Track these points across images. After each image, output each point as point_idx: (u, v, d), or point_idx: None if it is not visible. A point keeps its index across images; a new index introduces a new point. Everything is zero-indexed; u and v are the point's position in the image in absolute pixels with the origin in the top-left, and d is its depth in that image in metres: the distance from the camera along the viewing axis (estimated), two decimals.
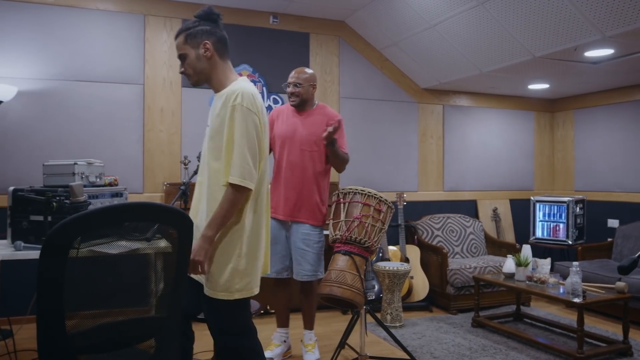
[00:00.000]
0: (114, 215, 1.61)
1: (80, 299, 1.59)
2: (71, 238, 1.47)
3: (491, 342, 3.99)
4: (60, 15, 4.43)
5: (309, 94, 3.51)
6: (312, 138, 3.44)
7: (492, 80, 5.33)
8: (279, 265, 3.50)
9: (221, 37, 2.27)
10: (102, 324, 1.67)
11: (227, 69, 2.29)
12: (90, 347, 1.63)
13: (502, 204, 6.20)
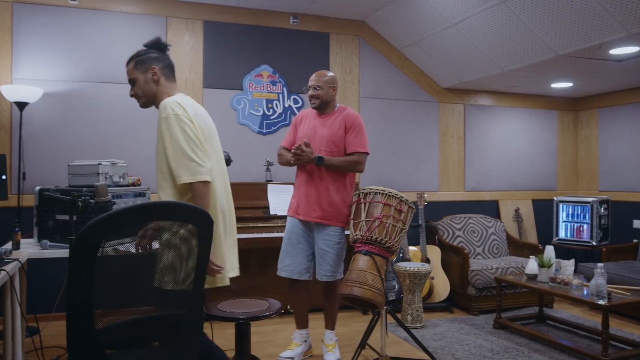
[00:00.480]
0: (142, 213, 1.64)
1: (108, 296, 1.62)
2: (101, 236, 1.50)
3: (513, 344, 3.95)
4: (84, 18, 4.51)
5: (329, 96, 3.52)
6: (332, 139, 3.45)
7: (514, 79, 5.27)
8: (301, 266, 3.50)
9: (168, 64, 2.51)
10: (127, 320, 1.70)
11: (171, 90, 2.49)
12: (117, 342, 1.66)
13: (525, 204, 6.13)
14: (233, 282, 2.77)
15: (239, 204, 4.51)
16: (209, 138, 2.47)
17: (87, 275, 1.51)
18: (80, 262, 1.50)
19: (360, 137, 3.45)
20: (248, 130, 5.01)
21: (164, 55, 2.52)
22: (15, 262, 2.45)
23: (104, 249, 1.54)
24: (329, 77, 3.54)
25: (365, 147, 3.45)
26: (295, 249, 3.50)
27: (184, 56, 4.82)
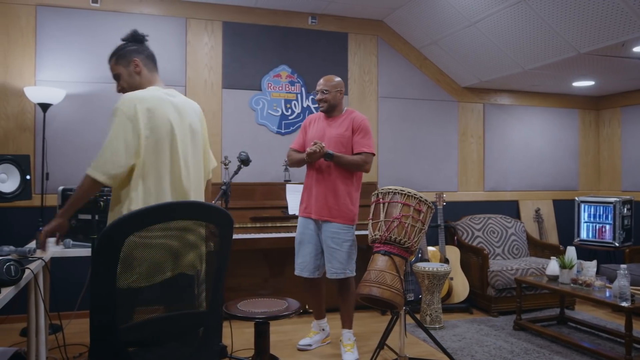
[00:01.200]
0: (166, 212, 1.66)
1: (131, 294, 1.64)
2: (126, 234, 1.52)
3: (534, 346, 3.91)
4: (105, 20, 4.57)
5: (336, 100, 3.66)
6: (340, 140, 3.59)
7: (535, 77, 5.21)
8: (311, 264, 3.66)
9: (148, 54, 2.49)
10: (149, 318, 1.73)
11: (153, 81, 2.46)
12: (139, 340, 1.68)
13: (545, 204, 6.06)
14: (250, 281, 2.78)
15: (257, 203, 4.56)
16: (164, 140, 2.26)
17: (110, 273, 1.53)
18: (104, 260, 1.52)
19: (367, 138, 3.58)
20: (267, 130, 5.03)
21: (143, 46, 2.50)
22: (39, 261, 2.49)
23: (127, 247, 1.57)
24: (337, 81, 3.69)
25: (371, 148, 3.58)
26: (305, 248, 3.67)
27: (203, 57, 4.86)
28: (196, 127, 2.45)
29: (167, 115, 2.29)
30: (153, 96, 2.30)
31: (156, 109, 2.26)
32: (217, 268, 1.83)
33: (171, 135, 2.29)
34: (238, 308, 2.93)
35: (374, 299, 3.08)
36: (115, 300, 1.56)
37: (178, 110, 2.36)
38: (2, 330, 4.03)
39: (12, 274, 1.96)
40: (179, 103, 2.39)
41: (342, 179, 3.56)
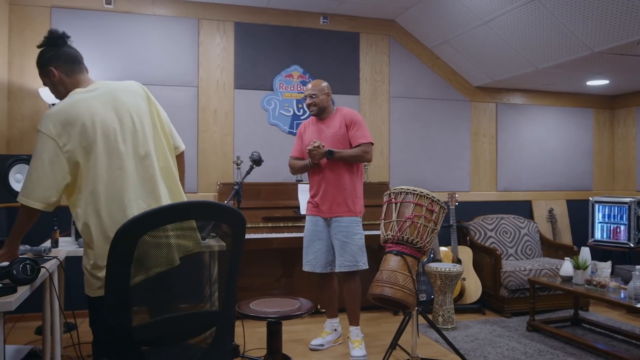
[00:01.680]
0: (179, 212, 1.67)
1: (145, 293, 1.65)
2: (139, 234, 1.53)
3: (548, 347, 3.87)
4: (119, 22, 4.60)
5: (324, 102, 3.79)
6: (336, 137, 3.70)
7: (548, 77, 5.17)
8: (323, 260, 3.76)
9: (67, 56, 2.20)
10: (162, 318, 1.74)
11: (76, 84, 2.20)
12: (152, 339, 1.69)
13: (559, 204, 6.01)
14: (262, 281, 2.78)
15: (269, 203, 4.57)
16: (97, 144, 2.02)
17: (124, 271, 1.54)
18: (118, 259, 1.54)
19: (362, 130, 3.70)
20: (278, 130, 5.04)
21: (62, 48, 2.21)
22: (54, 260, 2.52)
23: (141, 247, 1.58)
24: (323, 85, 3.82)
25: (368, 138, 3.69)
26: (315, 245, 3.76)
27: (215, 57, 4.88)
28: (139, 108, 2.18)
29: (92, 116, 2.02)
30: (70, 105, 2.05)
31: (76, 117, 2.01)
32: (230, 267, 1.83)
33: (105, 133, 2.03)
34: (250, 307, 2.94)
35: (386, 299, 3.07)
36: (128, 299, 1.57)
37: (106, 102, 2.09)
38: (18, 329, 4.08)
39: (28, 273, 1.99)
40: (103, 94, 2.11)
41: (346, 174, 3.68)
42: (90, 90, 2.12)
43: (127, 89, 2.20)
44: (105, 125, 2.04)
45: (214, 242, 2.97)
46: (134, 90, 2.23)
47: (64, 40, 2.25)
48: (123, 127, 2.09)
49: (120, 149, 2.05)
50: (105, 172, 2.01)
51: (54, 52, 2.20)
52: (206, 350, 1.83)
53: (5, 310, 1.77)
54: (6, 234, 4.12)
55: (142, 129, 2.14)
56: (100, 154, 2.01)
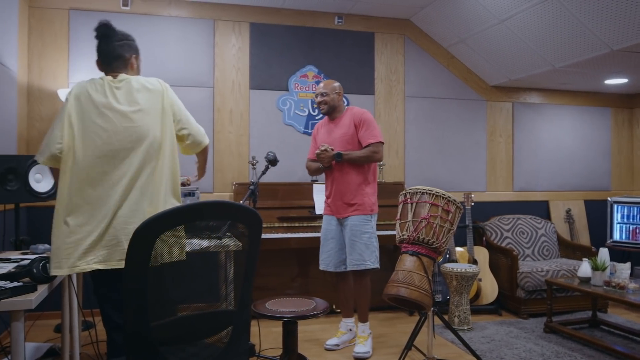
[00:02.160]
0: (195, 212, 1.68)
1: (162, 293, 1.67)
2: (156, 234, 1.54)
3: (565, 349, 3.83)
4: (135, 23, 4.64)
5: (335, 102, 3.80)
6: (344, 138, 3.72)
7: (566, 75, 5.12)
8: (336, 259, 3.78)
9: (99, 51, 2.49)
10: (179, 317, 1.75)
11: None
12: (169, 338, 1.70)
13: (576, 204, 5.94)
14: (278, 281, 2.78)
15: (284, 203, 4.59)
16: (83, 121, 2.28)
17: (141, 271, 1.55)
18: (135, 259, 1.55)
19: (371, 129, 3.68)
20: (294, 130, 5.05)
21: (99, 42, 2.50)
22: None
23: (159, 246, 1.59)
24: (335, 85, 3.84)
25: (377, 137, 3.67)
26: (329, 244, 3.81)
27: (231, 58, 4.90)
28: (145, 105, 2.40)
29: (89, 101, 2.30)
30: (84, 84, 2.36)
31: (79, 97, 2.31)
32: (246, 267, 1.84)
33: (93, 121, 2.28)
34: (266, 307, 2.95)
35: (402, 300, 3.07)
36: (147, 299, 1.58)
37: (118, 96, 2.35)
38: (38, 327, 4.14)
39: (48, 272, 2.02)
40: (119, 90, 2.37)
41: (355, 174, 3.68)
42: (88, 86, 2.37)
43: (143, 87, 2.43)
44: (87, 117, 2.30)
45: (230, 241, 2.99)
46: (151, 88, 2.46)
47: (99, 32, 2.53)
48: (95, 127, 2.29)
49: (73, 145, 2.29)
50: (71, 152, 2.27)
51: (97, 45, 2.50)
52: (222, 350, 1.84)
53: (25, 309, 1.80)
54: (26, 233, 4.19)
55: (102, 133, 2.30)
56: (69, 135, 2.29)
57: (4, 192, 2.93)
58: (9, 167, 2.96)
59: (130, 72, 2.47)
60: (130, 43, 2.51)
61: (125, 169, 2.25)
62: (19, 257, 2.53)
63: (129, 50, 2.49)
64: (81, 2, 4.53)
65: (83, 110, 2.28)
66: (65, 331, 2.83)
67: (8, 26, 3.93)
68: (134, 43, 2.53)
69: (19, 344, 1.81)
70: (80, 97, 2.30)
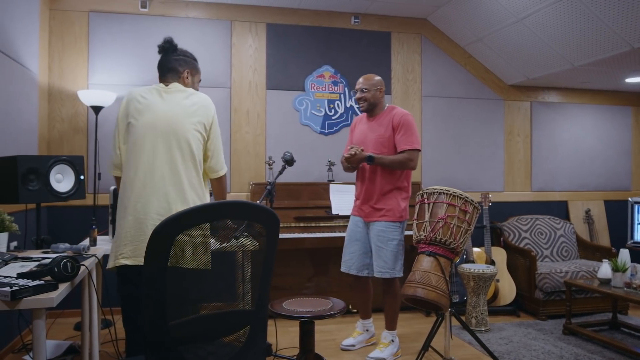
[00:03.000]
0: (214, 212, 1.69)
1: (181, 292, 1.68)
2: (174, 233, 1.56)
3: (585, 351, 3.79)
4: (153, 25, 4.69)
5: (376, 99, 3.62)
6: (379, 140, 3.56)
7: (585, 74, 5.05)
8: (359, 262, 3.65)
9: (158, 63, 2.67)
10: (197, 316, 1.76)
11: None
12: (187, 337, 1.72)
13: (596, 205, 5.86)
14: (294, 280, 2.79)
15: (301, 203, 4.60)
16: (137, 128, 2.43)
17: (160, 271, 1.57)
18: (154, 258, 1.56)
19: (408, 134, 3.50)
20: (310, 130, 5.06)
21: (160, 58, 2.68)
22: (92, 258, 2.58)
23: (177, 246, 1.60)
24: (376, 80, 3.66)
25: (414, 144, 3.49)
26: (353, 246, 3.66)
27: (248, 59, 4.93)
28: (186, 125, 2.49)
29: (143, 108, 2.46)
30: (138, 92, 2.52)
31: (131, 103, 2.49)
32: (263, 267, 1.85)
33: (146, 129, 2.42)
34: (283, 307, 2.97)
35: (419, 300, 3.06)
36: (165, 298, 1.60)
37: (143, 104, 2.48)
38: (58, 324, 4.20)
39: (69, 271, 2.04)
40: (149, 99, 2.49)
41: (388, 178, 3.53)
42: (144, 93, 2.52)
43: (193, 103, 2.61)
44: (138, 124, 2.47)
45: (248, 241, 3.00)
46: (197, 107, 2.60)
47: (160, 48, 2.70)
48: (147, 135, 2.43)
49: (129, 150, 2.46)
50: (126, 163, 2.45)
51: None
52: (240, 349, 1.85)
53: (47, 307, 1.83)
54: (47, 232, 4.26)
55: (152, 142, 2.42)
56: (127, 145, 2.47)
57: (26, 192, 2.98)
58: (30, 167, 3.00)
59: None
60: (186, 59, 2.66)
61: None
62: (40, 256, 2.57)
63: (184, 65, 2.63)
64: (100, 4, 4.59)
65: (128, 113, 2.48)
66: (85, 329, 2.86)
67: (29, 29, 3.99)
68: (191, 60, 2.69)
69: (41, 341, 1.84)
70: (128, 103, 2.50)
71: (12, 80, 3.63)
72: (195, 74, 2.69)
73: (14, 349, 3.62)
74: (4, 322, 3.45)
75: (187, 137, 2.41)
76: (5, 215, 2.74)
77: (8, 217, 2.76)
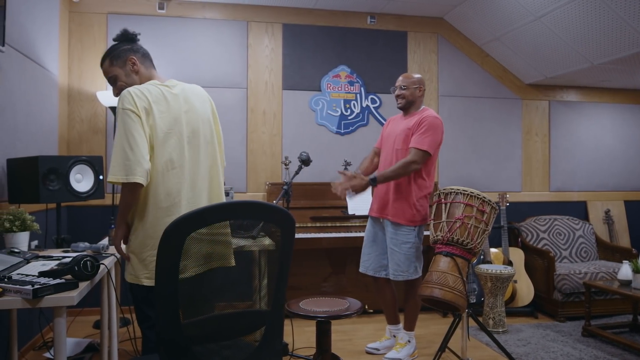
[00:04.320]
0: (226, 212, 1.69)
1: (194, 291, 1.69)
2: (186, 233, 1.56)
3: (604, 354, 3.74)
4: (171, 26, 4.73)
5: (414, 96, 3.56)
6: (405, 133, 3.48)
7: (605, 73, 4.98)
8: (376, 263, 3.60)
9: (143, 52, 2.40)
10: (212, 316, 1.77)
11: (151, 77, 2.37)
12: (201, 337, 1.72)
13: (616, 205, 5.78)
14: (310, 280, 2.80)
15: (317, 203, 4.60)
16: (173, 134, 2.22)
17: (172, 270, 1.57)
18: (166, 257, 1.57)
19: (424, 135, 3.38)
20: (326, 130, 5.06)
21: (137, 45, 2.40)
22: (111, 257, 2.61)
23: (188, 245, 1.61)
24: (416, 78, 3.59)
25: (423, 145, 3.35)
26: (371, 247, 3.63)
27: (264, 59, 4.94)
28: (206, 114, 2.38)
29: (176, 111, 2.25)
30: (157, 91, 2.24)
31: (159, 104, 2.21)
32: (280, 267, 1.85)
33: (184, 133, 2.24)
34: (300, 307, 2.97)
35: (436, 301, 3.04)
36: (178, 297, 1.60)
37: (180, 100, 2.29)
38: (77, 322, 4.26)
39: (89, 269, 2.07)
40: (179, 93, 2.31)
41: (404, 179, 3.43)
42: (169, 86, 2.31)
43: (196, 94, 2.38)
44: (179, 122, 2.24)
45: (264, 241, 3.02)
46: (202, 96, 2.41)
47: (137, 38, 2.44)
48: (189, 128, 2.27)
49: (184, 147, 2.24)
50: (161, 165, 2.19)
51: (132, 46, 2.39)
52: (256, 349, 1.85)
53: (68, 305, 1.85)
54: (67, 232, 4.31)
55: (204, 133, 2.33)
56: (157, 145, 2.18)
57: (46, 192, 3.02)
58: (51, 167, 3.05)
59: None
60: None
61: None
62: (60, 255, 2.61)
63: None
64: (119, 6, 4.64)
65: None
66: (104, 327, 2.90)
67: (50, 32, 4.05)
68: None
69: (62, 339, 1.87)
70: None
71: (34, 82, 3.68)
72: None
73: (35, 346, 3.68)
74: (26, 319, 3.51)
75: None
76: (26, 215, 2.79)
77: (29, 217, 2.80)
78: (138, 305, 2.35)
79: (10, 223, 2.72)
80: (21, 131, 3.44)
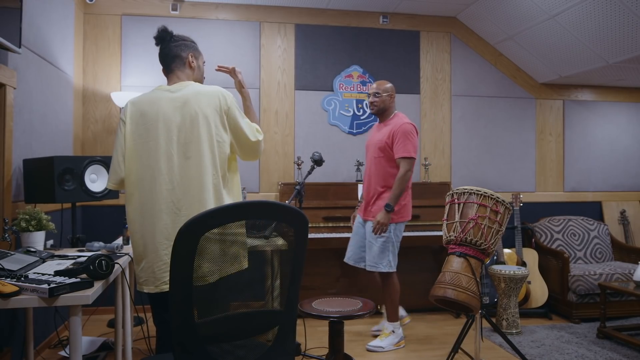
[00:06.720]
0: (240, 212, 1.69)
1: (207, 290, 1.69)
2: (199, 233, 1.57)
3: (620, 356, 3.70)
4: (184, 27, 4.75)
5: (385, 103, 3.85)
6: (379, 145, 3.79)
7: (620, 71, 4.93)
8: (356, 255, 3.95)
9: (159, 56, 2.52)
10: (225, 315, 1.77)
11: (167, 79, 2.51)
12: (215, 336, 1.73)
13: (632, 205, 5.71)
14: (322, 280, 2.80)
15: (329, 203, 4.60)
16: (149, 140, 2.25)
17: (186, 269, 1.58)
18: (180, 257, 1.58)
19: (403, 143, 3.69)
20: (339, 130, 5.06)
21: (159, 50, 2.52)
22: (125, 256, 2.63)
23: (203, 245, 1.61)
24: (387, 86, 3.88)
25: (407, 152, 3.68)
26: (353, 239, 3.99)
27: (276, 59, 4.95)
28: (203, 112, 2.32)
29: (155, 116, 2.26)
30: (149, 97, 2.33)
31: (143, 110, 2.28)
32: (293, 267, 1.85)
33: (160, 138, 2.25)
34: (313, 307, 2.97)
35: (449, 301, 3.03)
36: (192, 296, 1.61)
37: (177, 104, 2.30)
38: (92, 321, 4.30)
39: (104, 269, 2.09)
40: (179, 97, 2.31)
41: (380, 183, 3.78)
42: (172, 90, 2.35)
43: (202, 94, 2.36)
44: (166, 125, 2.26)
45: (277, 241, 3.02)
46: (208, 97, 2.37)
47: (157, 40, 2.51)
48: (176, 131, 2.28)
49: (139, 162, 2.30)
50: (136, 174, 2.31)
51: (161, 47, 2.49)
52: (269, 348, 1.86)
53: (83, 304, 1.87)
54: (82, 231, 4.36)
55: (192, 135, 2.28)
56: (133, 154, 2.29)
57: (62, 192, 3.06)
58: (66, 167, 3.08)
59: (189, 71, 2.48)
60: (186, 43, 2.54)
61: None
62: (75, 254, 2.64)
63: (186, 50, 2.51)
64: (133, 8, 4.68)
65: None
66: (118, 326, 2.93)
67: (65, 33, 4.09)
68: (191, 43, 2.56)
69: (77, 337, 1.89)
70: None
71: (49, 83, 3.73)
72: (198, 56, 2.60)
73: (51, 345, 3.72)
74: (41, 318, 3.55)
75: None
76: (42, 215, 2.82)
77: (45, 217, 2.83)
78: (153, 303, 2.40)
79: (27, 222, 2.75)
80: (37, 132, 3.48)
